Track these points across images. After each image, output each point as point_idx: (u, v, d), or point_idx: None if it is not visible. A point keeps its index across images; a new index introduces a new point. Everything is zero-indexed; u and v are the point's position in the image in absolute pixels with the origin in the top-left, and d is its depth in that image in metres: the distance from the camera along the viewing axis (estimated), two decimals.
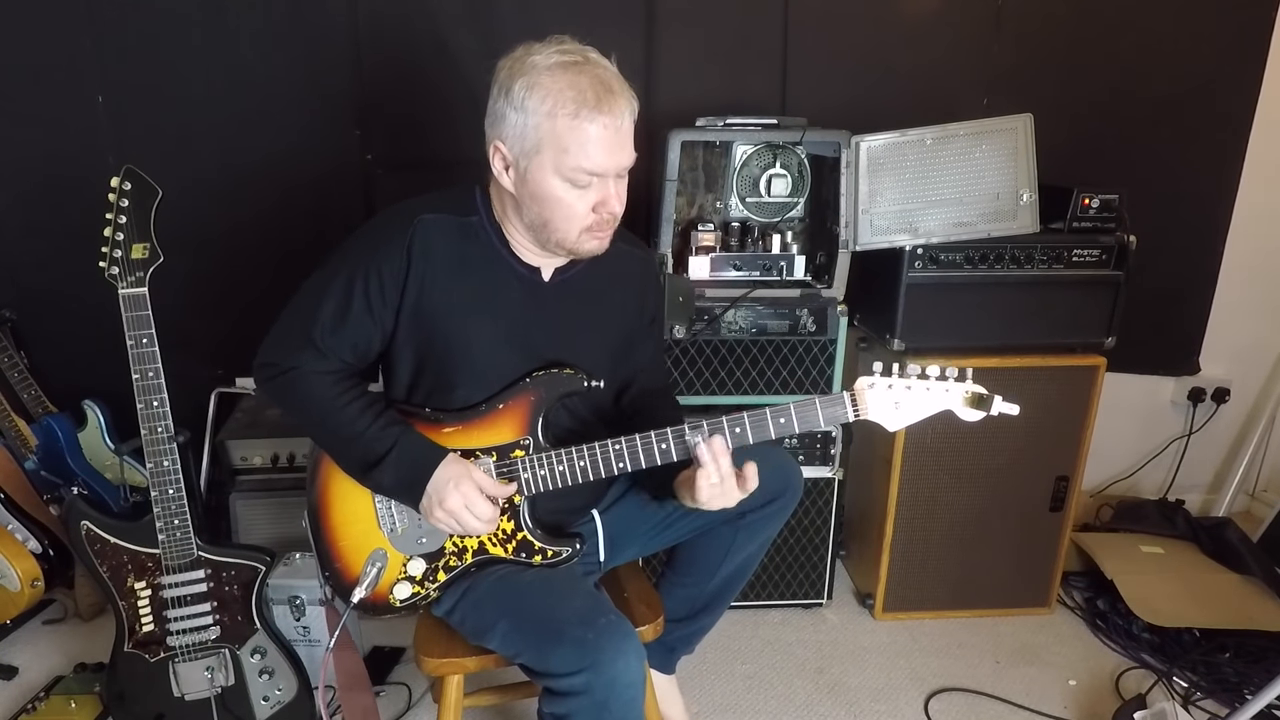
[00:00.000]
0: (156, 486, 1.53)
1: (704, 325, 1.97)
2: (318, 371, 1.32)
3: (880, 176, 1.95)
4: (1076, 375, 2.05)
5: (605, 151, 1.22)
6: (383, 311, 1.32)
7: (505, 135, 1.24)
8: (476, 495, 1.29)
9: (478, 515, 1.29)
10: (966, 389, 1.25)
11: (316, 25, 2.14)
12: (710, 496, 1.27)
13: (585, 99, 1.19)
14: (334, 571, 1.40)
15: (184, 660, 1.63)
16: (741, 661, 2.07)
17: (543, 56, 1.21)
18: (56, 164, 2.17)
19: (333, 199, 2.24)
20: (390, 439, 1.30)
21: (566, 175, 1.23)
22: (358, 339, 1.33)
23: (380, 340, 1.35)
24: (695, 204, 2.15)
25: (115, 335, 1.46)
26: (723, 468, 1.26)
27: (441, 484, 1.28)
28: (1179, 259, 2.43)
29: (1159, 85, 2.32)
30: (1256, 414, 2.68)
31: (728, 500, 1.28)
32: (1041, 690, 1.98)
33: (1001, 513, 2.14)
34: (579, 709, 1.22)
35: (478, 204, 1.36)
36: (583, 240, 1.30)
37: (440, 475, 1.28)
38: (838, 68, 2.26)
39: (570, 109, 1.19)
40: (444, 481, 1.28)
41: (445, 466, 1.29)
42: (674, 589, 1.60)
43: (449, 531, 1.34)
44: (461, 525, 1.29)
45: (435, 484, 1.28)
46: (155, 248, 1.45)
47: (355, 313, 1.30)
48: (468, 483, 1.28)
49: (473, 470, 1.31)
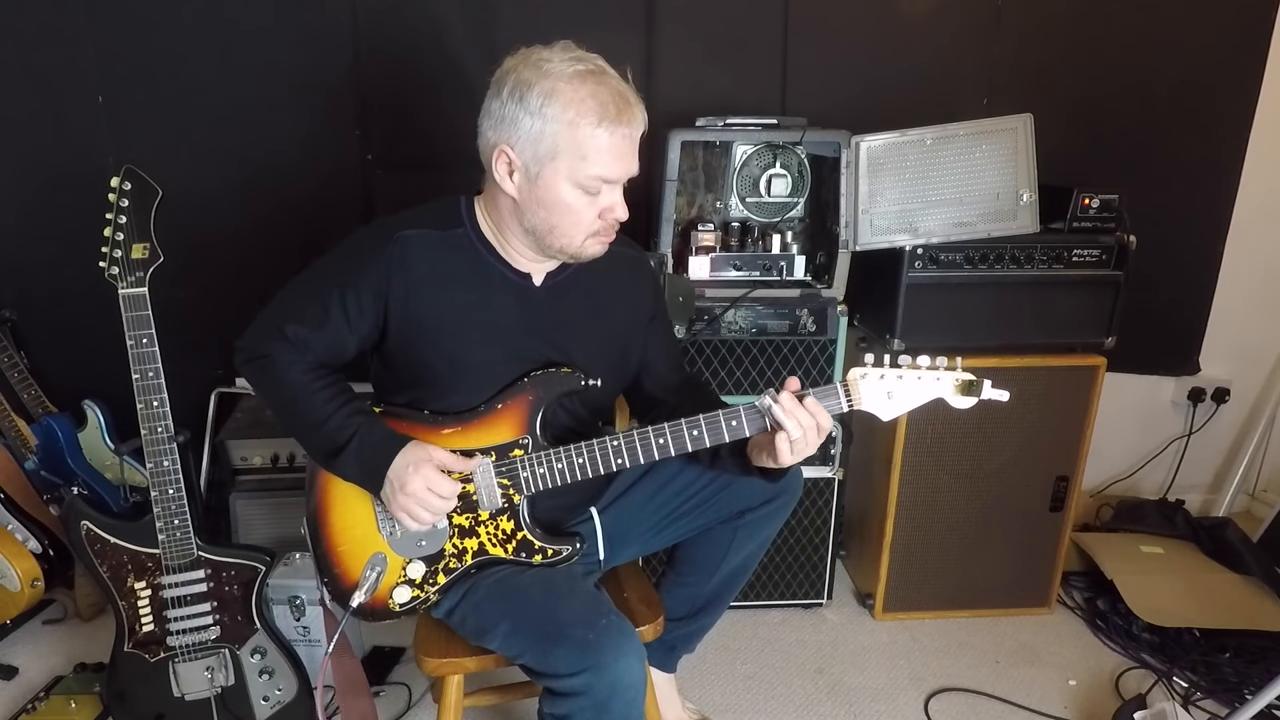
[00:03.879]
0: (156, 486, 1.53)
1: (704, 325, 1.97)
2: (289, 361, 1.32)
3: (880, 176, 1.95)
4: (1076, 375, 2.05)
5: (620, 160, 1.25)
6: (360, 323, 1.32)
7: (516, 140, 1.24)
8: (438, 476, 1.28)
9: (440, 494, 1.27)
10: (956, 376, 1.27)
11: (316, 25, 2.14)
12: (794, 450, 1.24)
13: (607, 111, 1.21)
14: (333, 576, 1.40)
15: (184, 660, 1.63)
16: (741, 661, 2.07)
17: (559, 64, 1.21)
18: (57, 164, 2.18)
19: (333, 199, 2.24)
20: (352, 427, 1.30)
21: (581, 182, 1.24)
22: (332, 343, 1.33)
23: (356, 345, 1.35)
24: (695, 204, 2.15)
25: (115, 335, 1.46)
26: (803, 420, 1.23)
27: (401, 469, 1.27)
28: (1179, 259, 2.43)
29: (1159, 85, 2.32)
30: (1256, 414, 2.68)
31: (812, 447, 1.26)
32: (1041, 690, 1.98)
33: (1001, 513, 2.14)
34: (579, 709, 1.22)
35: (463, 216, 1.36)
36: (587, 245, 1.31)
37: (399, 461, 1.28)
38: (838, 68, 2.26)
39: (593, 119, 1.20)
40: (403, 467, 1.27)
41: (405, 452, 1.28)
42: (674, 588, 1.61)
43: (410, 522, 1.30)
44: (425, 509, 1.28)
45: (395, 470, 1.28)
46: (155, 248, 1.45)
47: (333, 322, 1.32)
48: (428, 465, 1.27)
49: (433, 451, 1.29)
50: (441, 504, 1.29)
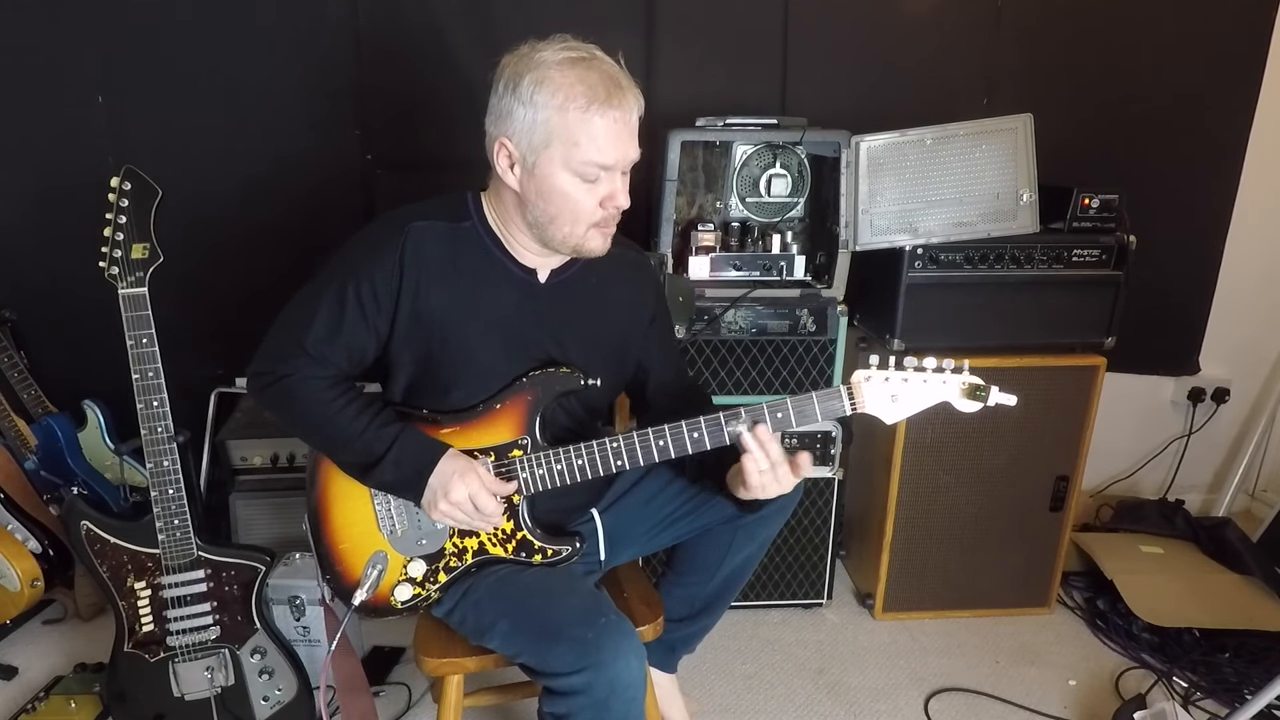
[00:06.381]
0: (156, 486, 1.53)
1: (704, 325, 1.97)
2: (312, 376, 1.32)
3: (880, 176, 1.95)
4: (1076, 375, 2.05)
5: (615, 145, 1.23)
6: (377, 318, 1.32)
7: (512, 131, 1.24)
8: (481, 488, 1.29)
9: (481, 508, 1.28)
10: (964, 380, 1.25)
11: (317, 26, 2.14)
12: (762, 484, 1.25)
13: (596, 93, 1.20)
14: (334, 574, 1.40)
15: (184, 660, 1.63)
16: (741, 661, 2.07)
17: (550, 53, 1.22)
18: (56, 164, 2.17)
19: (333, 199, 2.24)
20: (389, 436, 1.30)
21: (576, 169, 1.24)
22: (353, 346, 1.33)
23: (376, 346, 1.35)
24: (695, 204, 2.15)
25: (115, 335, 1.46)
26: (772, 454, 1.25)
27: (446, 476, 1.28)
28: (1179, 259, 2.43)
29: (1159, 85, 2.33)
30: (1256, 414, 2.68)
31: (783, 486, 1.27)
32: (1041, 690, 1.98)
33: (1001, 512, 2.14)
34: (579, 708, 1.22)
35: (470, 209, 1.36)
36: (589, 237, 1.30)
37: (444, 468, 1.28)
38: (838, 68, 2.26)
39: (581, 103, 1.20)
40: (449, 474, 1.28)
41: (449, 460, 1.29)
42: (674, 589, 1.61)
43: (452, 525, 1.33)
44: (467, 517, 1.29)
45: (439, 477, 1.28)
46: (155, 248, 1.45)
47: (350, 321, 1.31)
48: (473, 475, 1.28)
49: (477, 465, 1.31)
50: (483, 515, 1.29)
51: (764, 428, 1.25)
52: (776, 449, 1.25)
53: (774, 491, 1.27)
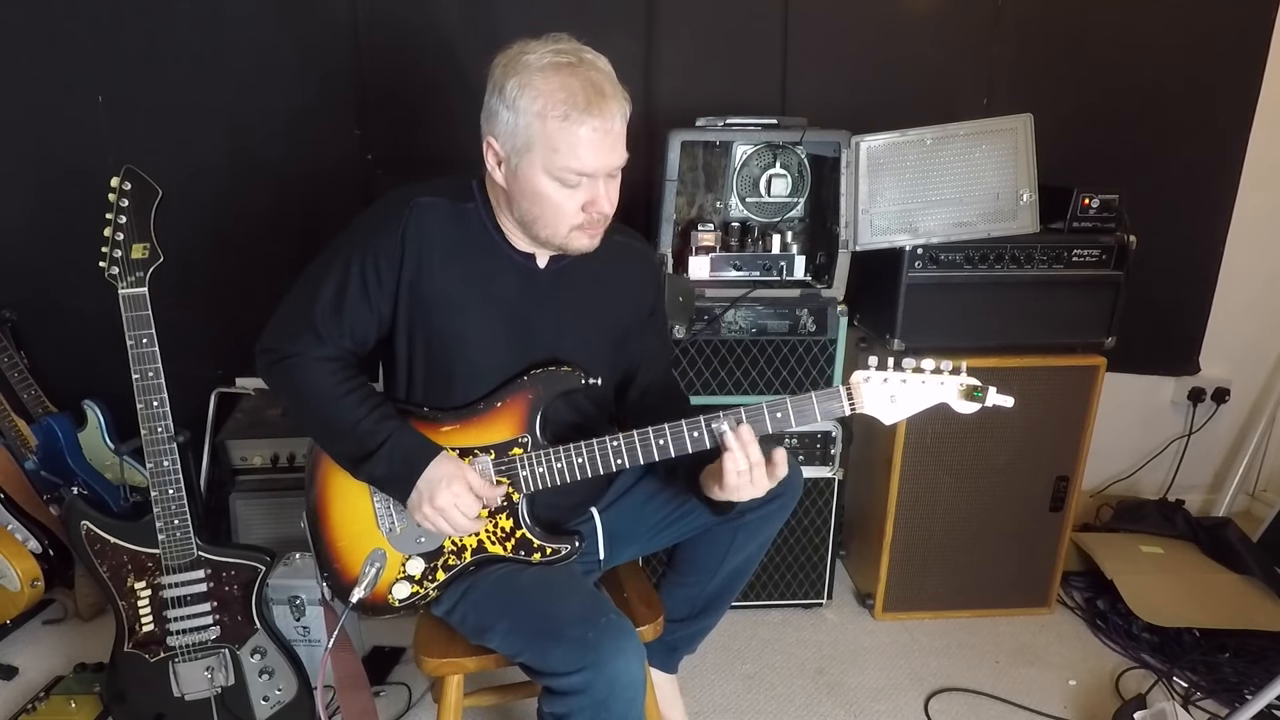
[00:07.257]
0: (156, 486, 1.53)
1: (704, 325, 1.97)
2: (318, 358, 1.32)
3: (880, 176, 1.95)
4: (1076, 375, 2.05)
5: (594, 153, 1.23)
6: (378, 295, 1.32)
7: (497, 132, 1.25)
8: (467, 494, 1.28)
9: (465, 513, 1.28)
10: (961, 381, 1.26)
11: (317, 25, 2.14)
12: (738, 485, 1.26)
13: (575, 101, 1.20)
14: (333, 572, 1.40)
15: (184, 660, 1.63)
16: (741, 661, 2.07)
17: (536, 56, 1.22)
18: (56, 164, 2.18)
19: (333, 199, 2.24)
20: (385, 432, 1.30)
21: (555, 175, 1.24)
22: (355, 323, 1.33)
23: (378, 325, 1.36)
24: (695, 204, 2.15)
25: (115, 335, 1.46)
26: (751, 455, 1.25)
27: (434, 481, 1.28)
28: (1179, 259, 2.43)
29: (1159, 84, 2.32)
30: (1256, 414, 2.68)
31: (757, 490, 1.27)
32: (1041, 690, 1.98)
33: (1001, 513, 2.14)
34: (579, 708, 1.22)
35: (474, 192, 1.37)
36: (572, 237, 1.30)
37: (432, 472, 1.28)
38: (838, 68, 2.26)
39: (560, 111, 1.20)
40: (436, 479, 1.28)
41: (438, 464, 1.29)
42: (674, 589, 1.61)
43: (432, 529, 1.32)
44: (448, 523, 1.29)
45: (427, 480, 1.28)
46: (155, 248, 1.46)
47: (353, 294, 1.31)
48: (460, 482, 1.28)
49: (466, 471, 1.30)
50: (463, 523, 1.29)
51: (747, 428, 1.26)
52: (757, 451, 1.26)
53: (748, 494, 1.28)
